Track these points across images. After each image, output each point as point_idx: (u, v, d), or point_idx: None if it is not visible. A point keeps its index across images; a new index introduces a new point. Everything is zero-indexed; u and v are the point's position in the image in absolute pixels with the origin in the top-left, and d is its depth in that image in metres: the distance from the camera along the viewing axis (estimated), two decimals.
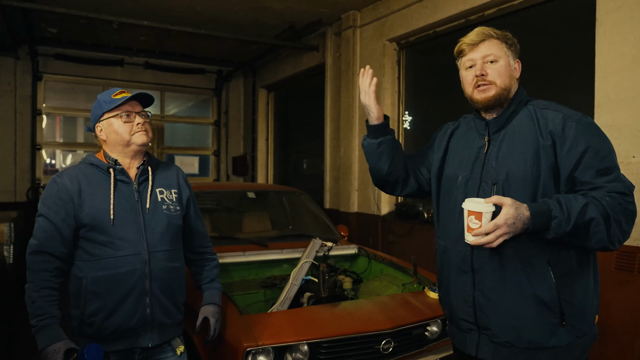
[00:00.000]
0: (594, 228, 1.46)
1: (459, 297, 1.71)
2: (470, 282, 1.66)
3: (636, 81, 3.17)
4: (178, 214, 1.99)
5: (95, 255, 1.82)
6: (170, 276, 1.93)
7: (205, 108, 9.64)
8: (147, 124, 1.94)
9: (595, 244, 1.49)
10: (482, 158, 1.69)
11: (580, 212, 1.45)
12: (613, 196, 1.50)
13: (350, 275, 3.32)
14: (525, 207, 1.46)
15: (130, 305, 1.83)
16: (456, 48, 1.73)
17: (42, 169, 7.93)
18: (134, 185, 1.92)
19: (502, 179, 1.61)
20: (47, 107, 7.96)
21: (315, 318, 2.51)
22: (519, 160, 1.60)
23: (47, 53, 7.59)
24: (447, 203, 1.78)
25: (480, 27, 1.73)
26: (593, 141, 1.55)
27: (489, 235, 1.44)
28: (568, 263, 1.57)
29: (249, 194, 4.25)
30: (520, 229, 1.45)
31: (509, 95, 1.67)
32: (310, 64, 7.11)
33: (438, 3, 4.83)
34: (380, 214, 5.64)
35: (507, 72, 1.65)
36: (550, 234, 1.47)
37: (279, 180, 8.74)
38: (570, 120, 1.57)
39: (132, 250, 1.84)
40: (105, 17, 5.71)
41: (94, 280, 1.81)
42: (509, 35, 1.70)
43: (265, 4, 5.76)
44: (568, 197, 1.49)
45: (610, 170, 1.53)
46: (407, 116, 5.71)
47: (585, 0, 3.65)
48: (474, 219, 1.47)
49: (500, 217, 1.43)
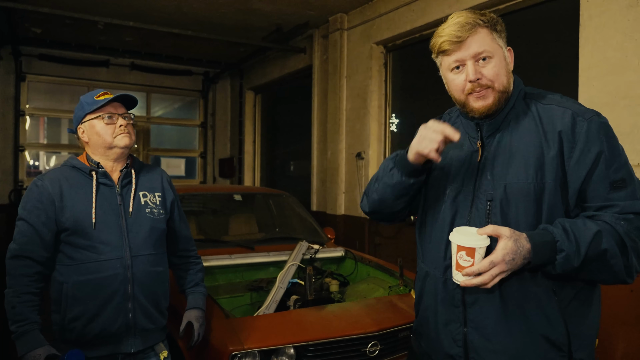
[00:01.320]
0: (609, 261, 1.22)
1: (446, 336, 1.41)
2: (461, 318, 1.37)
3: (619, 85, 3.22)
4: (162, 217, 1.96)
5: (76, 260, 1.78)
6: (154, 280, 1.90)
7: (191, 110, 9.58)
8: (130, 126, 1.90)
9: (610, 278, 1.26)
10: (474, 167, 1.40)
11: (592, 242, 1.20)
12: (629, 219, 1.24)
13: (337, 277, 3.31)
14: (525, 237, 1.22)
15: (112, 310, 1.80)
16: (433, 44, 1.39)
17: (25, 171, 7.81)
18: (117, 188, 1.89)
19: (499, 195, 1.33)
20: (31, 108, 7.84)
21: (302, 321, 2.50)
22: (519, 172, 1.32)
23: (30, 53, 7.49)
24: (433, 219, 1.48)
25: (458, 13, 1.38)
26: (607, 145, 1.28)
27: (484, 275, 1.20)
28: (574, 286, 1.32)
29: (235, 197, 4.23)
30: (520, 264, 1.21)
31: (509, 94, 1.38)
32: (298, 66, 7.11)
33: (425, 7, 4.86)
34: (367, 216, 5.64)
35: (503, 68, 1.35)
36: (556, 269, 1.23)
37: (265, 182, 8.71)
38: (581, 118, 1.30)
39: (114, 254, 1.81)
40: (90, 18, 5.65)
41: (75, 285, 1.77)
42: (494, 17, 1.37)
43: (253, 5, 5.75)
44: (575, 223, 1.24)
45: (625, 183, 1.27)
46: (394, 118, 5.73)
47: (570, 5, 3.69)
48: (464, 255, 1.22)
49: (497, 252, 1.19)
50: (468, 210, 1.38)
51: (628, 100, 3.17)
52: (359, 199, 5.70)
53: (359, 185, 5.73)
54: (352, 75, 5.92)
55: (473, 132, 1.44)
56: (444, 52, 1.37)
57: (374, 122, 5.65)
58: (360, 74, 5.78)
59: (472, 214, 1.37)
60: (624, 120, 3.17)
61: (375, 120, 5.66)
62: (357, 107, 5.82)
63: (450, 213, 1.42)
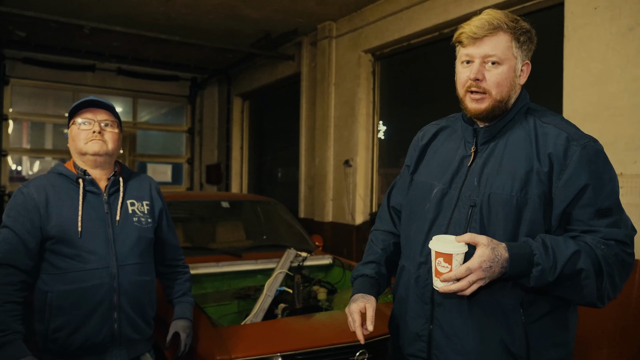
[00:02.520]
0: (582, 281, 1.24)
1: (412, 330, 1.46)
2: (428, 315, 1.41)
3: (602, 96, 3.28)
4: (149, 226, 1.94)
5: (61, 269, 1.75)
6: (140, 290, 1.87)
7: (178, 115, 9.53)
8: (109, 133, 1.85)
9: (581, 299, 1.28)
10: (464, 171, 1.43)
11: (568, 260, 1.23)
12: (610, 244, 1.27)
13: (325, 285, 3.30)
14: (503, 247, 1.24)
15: (97, 321, 1.77)
16: (455, 35, 1.41)
17: (7, 176, 7.68)
18: (104, 196, 1.86)
19: (482, 202, 1.35)
20: (14, 112, 7.72)
21: (290, 330, 2.49)
22: (505, 183, 1.34)
23: (15, 57, 7.38)
24: (416, 216, 1.51)
25: (490, 11, 1.38)
26: (597, 174, 1.29)
27: (461, 282, 1.22)
28: (544, 305, 1.34)
29: (223, 204, 4.20)
30: (497, 273, 1.23)
31: (507, 105, 1.39)
32: (286, 73, 7.12)
33: (413, 16, 4.91)
34: (355, 223, 5.66)
35: (508, 79, 1.36)
36: (530, 282, 1.24)
37: (253, 188, 8.68)
38: (574, 143, 1.31)
39: (100, 263, 1.78)
40: (76, 22, 5.59)
41: (60, 294, 1.74)
42: (525, 27, 1.36)
43: (241, 12, 5.75)
44: (556, 240, 1.26)
45: (611, 212, 1.29)
46: (382, 126, 5.76)
47: (554, 17, 3.76)
48: (442, 261, 1.25)
49: (474, 259, 1.21)
50: (450, 213, 1.41)
51: (611, 111, 3.23)
52: (347, 206, 5.71)
53: (347, 193, 5.74)
54: (341, 83, 5.95)
55: (470, 137, 1.47)
56: (460, 43, 1.40)
57: (362, 130, 5.68)
58: (349, 81, 5.80)
59: (453, 217, 1.40)
60: (608, 130, 3.23)
61: (363, 128, 5.68)
62: (345, 115, 5.84)
63: (433, 213, 1.44)
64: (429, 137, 1.61)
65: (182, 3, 5.49)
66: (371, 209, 5.73)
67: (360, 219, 5.69)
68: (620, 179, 3.17)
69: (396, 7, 5.06)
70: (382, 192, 5.78)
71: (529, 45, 1.39)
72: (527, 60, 1.40)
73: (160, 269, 2.10)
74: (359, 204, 5.68)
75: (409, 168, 1.64)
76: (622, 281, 1.29)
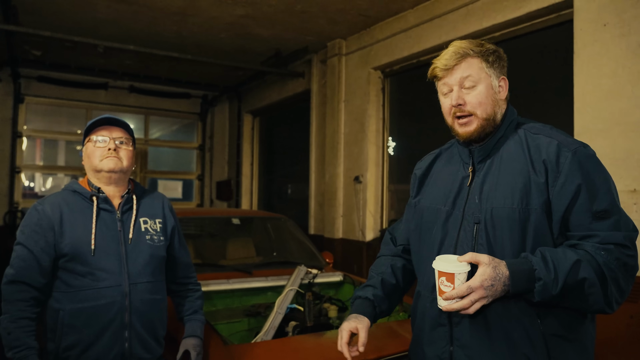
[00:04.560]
0: (587, 289, 1.24)
1: (433, 353, 1.45)
2: (447, 336, 1.42)
3: (613, 112, 3.27)
4: (162, 244, 1.94)
5: (74, 287, 1.76)
6: (151, 309, 1.87)
7: (189, 132, 9.62)
8: (124, 150, 1.88)
9: (589, 307, 1.28)
10: (465, 191, 1.47)
11: (570, 271, 1.23)
12: (609, 249, 1.27)
13: (336, 303, 3.28)
14: (504, 264, 1.26)
15: (108, 339, 1.77)
16: (429, 71, 1.50)
17: (20, 193, 7.77)
18: (117, 214, 1.87)
19: (486, 218, 1.37)
20: (28, 129, 7.86)
21: (300, 348, 2.46)
22: (505, 197, 1.36)
23: (29, 75, 7.53)
24: (425, 241, 1.54)
25: (456, 43, 1.47)
26: (590, 177, 1.31)
27: (463, 300, 1.25)
28: (561, 315, 1.33)
29: (233, 220, 4.21)
30: (500, 291, 1.25)
31: (495, 121, 1.44)
32: (296, 90, 7.18)
33: (421, 33, 4.95)
34: (365, 240, 5.64)
35: (488, 97, 1.42)
36: (535, 297, 1.26)
37: (263, 205, 8.69)
38: (565, 149, 1.33)
39: (113, 282, 1.78)
40: (91, 41, 5.71)
41: (72, 313, 1.74)
42: (490, 48, 1.45)
43: (252, 31, 5.83)
44: (555, 252, 1.27)
45: (608, 214, 1.29)
46: (392, 142, 5.77)
47: (564, 34, 3.77)
48: (445, 280, 1.28)
49: (476, 278, 1.24)
50: (457, 233, 1.43)
51: (622, 127, 3.21)
52: (357, 223, 5.70)
53: (357, 209, 5.73)
54: (350, 100, 5.98)
55: (466, 158, 1.52)
56: (436, 78, 1.49)
57: (372, 146, 5.69)
58: (358, 98, 5.84)
59: (460, 236, 1.42)
60: (619, 146, 3.21)
61: (373, 144, 5.69)
62: (355, 131, 5.86)
63: (440, 235, 1.48)
64: (426, 166, 1.68)
65: (194, 22, 5.59)
66: (381, 225, 5.71)
67: (370, 235, 5.67)
68: (632, 195, 3.15)
69: (405, 25, 5.11)
70: (392, 208, 5.77)
71: (500, 62, 1.46)
72: (503, 75, 1.47)
73: (172, 286, 2.10)
74: (370, 220, 5.67)
75: (412, 198, 1.70)
76: (628, 284, 1.29)
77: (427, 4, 4.84)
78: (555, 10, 3.84)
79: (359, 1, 4.90)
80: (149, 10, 5.25)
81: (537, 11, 3.89)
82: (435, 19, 4.76)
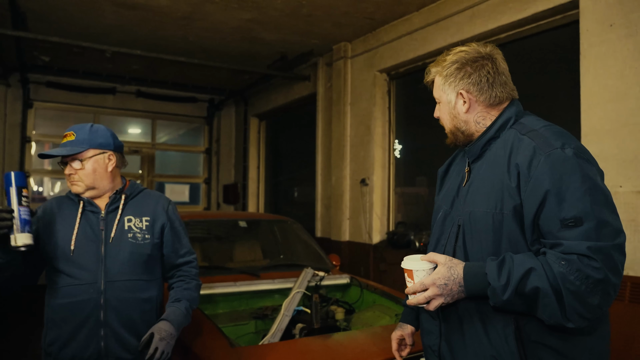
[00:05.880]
0: (542, 300, 1.20)
1: (427, 344, 1.55)
2: (438, 330, 1.49)
3: (620, 112, 3.25)
4: (146, 242, 1.95)
5: (55, 283, 1.87)
6: (131, 307, 1.89)
7: (196, 136, 9.67)
8: (80, 171, 1.89)
9: (548, 318, 1.22)
10: (461, 192, 1.50)
11: (521, 278, 1.20)
12: (570, 260, 1.19)
13: (343, 305, 3.28)
14: (461, 266, 1.30)
15: (84, 336, 1.82)
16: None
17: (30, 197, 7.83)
18: (102, 214, 1.94)
19: (465, 221, 1.41)
20: (37, 134, 7.93)
21: (308, 350, 2.47)
22: (482, 200, 1.37)
23: (38, 81, 7.61)
24: (430, 239, 1.62)
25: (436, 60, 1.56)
26: (561, 182, 1.23)
27: (417, 295, 1.32)
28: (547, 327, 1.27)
29: (240, 223, 4.22)
30: (457, 291, 1.29)
31: (464, 132, 1.48)
32: (302, 93, 7.20)
33: (427, 36, 4.95)
34: (372, 242, 5.63)
35: (447, 114, 1.51)
36: (490, 301, 1.26)
37: (270, 208, 8.71)
38: (540, 152, 1.28)
39: (89, 279, 1.85)
40: (98, 47, 5.76)
41: (53, 308, 1.86)
42: (448, 61, 1.47)
43: (258, 35, 5.86)
44: (517, 258, 1.25)
45: (579, 221, 1.21)
46: (398, 145, 5.77)
47: (570, 35, 3.76)
48: (407, 277, 1.38)
49: (429, 276, 1.31)
50: (448, 233, 1.48)
51: (630, 127, 3.19)
52: (364, 226, 5.70)
53: (364, 212, 5.73)
54: (356, 103, 5.99)
55: (465, 159, 1.57)
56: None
57: (378, 149, 5.69)
58: (364, 101, 5.84)
59: (449, 237, 1.47)
60: (627, 147, 3.19)
61: (379, 147, 5.70)
62: (361, 134, 5.87)
63: (438, 234, 1.54)
64: (447, 164, 1.73)
65: (201, 27, 5.63)
66: (388, 227, 5.71)
67: (377, 238, 5.66)
68: (638, 196, 3.13)
69: (410, 27, 5.12)
70: (398, 211, 5.76)
71: (457, 74, 1.45)
72: (461, 89, 1.45)
73: (169, 281, 2.12)
74: (376, 223, 5.67)
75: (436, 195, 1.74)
76: (596, 299, 1.18)
77: (433, 6, 4.85)
78: (560, 11, 3.83)
79: (365, 4, 4.91)
80: (156, 15, 5.29)
81: (542, 12, 3.88)
82: (440, 21, 4.76)
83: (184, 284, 2.08)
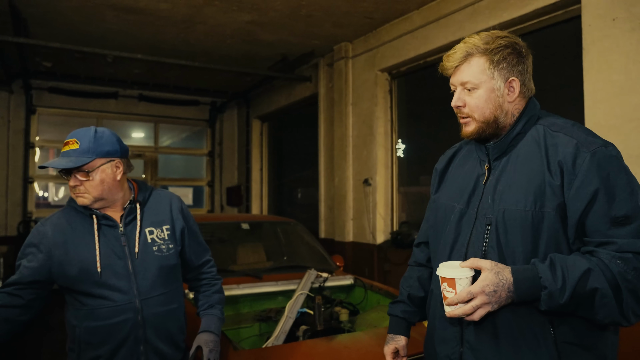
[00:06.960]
0: (599, 300, 1.18)
1: (443, 352, 1.43)
2: (458, 336, 1.39)
3: (625, 108, 3.22)
4: (171, 252, 1.89)
5: (87, 305, 1.75)
6: (167, 319, 1.85)
7: (199, 139, 9.68)
8: (87, 182, 1.74)
9: (604, 318, 1.20)
10: (480, 190, 1.41)
11: (579, 280, 1.17)
12: (626, 258, 1.19)
13: (347, 306, 3.26)
14: (509, 271, 1.22)
15: (123, 356, 1.76)
16: (440, 68, 1.47)
17: (34, 202, 7.87)
18: (120, 228, 1.82)
19: (498, 220, 1.32)
20: (41, 140, 7.96)
21: (312, 352, 2.45)
22: (519, 198, 1.30)
23: (41, 86, 7.64)
24: (440, 240, 1.50)
25: (467, 38, 1.41)
26: (610, 180, 1.22)
27: (465, 306, 1.22)
28: (578, 323, 1.26)
29: (243, 225, 4.21)
30: (505, 298, 1.21)
31: (499, 124, 1.38)
32: (304, 94, 7.19)
33: (428, 34, 4.92)
34: (376, 242, 5.60)
35: (489, 102, 1.37)
36: (542, 306, 1.21)
37: (273, 210, 8.70)
38: (584, 149, 1.25)
39: (124, 299, 1.76)
40: (100, 52, 5.77)
41: (87, 330, 1.75)
42: (501, 44, 1.36)
43: (258, 36, 5.85)
44: (566, 259, 1.21)
45: (629, 220, 1.20)
46: (401, 144, 5.75)
47: (573, 30, 3.73)
48: (447, 286, 1.26)
49: (476, 284, 1.21)
50: (469, 233, 1.39)
51: (636, 123, 3.16)
52: (367, 226, 5.67)
53: (367, 212, 5.70)
54: (358, 103, 5.97)
55: (482, 155, 1.46)
56: (446, 73, 1.46)
57: (381, 149, 5.67)
58: (366, 101, 5.82)
59: (472, 237, 1.38)
60: (633, 142, 3.16)
61: (381, 147, 5.67)
62: (364, 134, 5.85)
63: (454, 235, 1.43)
64: (446, 161, 1.64)
65: (201, 30, 5.62)
66: (392, 227, 5.68)
67: (381, 238, 5.64)
68: None
69: (411, 26, 5.09)
70: (402, 210, 5.73)
71: (511, 60, 1.37)
72: (513, 76, 1.38)
73: (190, 283, 2.10)
74: (380, 223, 5.64)
75: (432, 194, 1.66)
76: None
77: (433, 4, 4.82)
78: (562, 7, 3.80)
79: (364, 3, 4.89)
80: (156, 19, 5.29)
81: (544, 8, 3.85)
82: (441, 19, 4.74)
83: (211, 287, 2.08)
